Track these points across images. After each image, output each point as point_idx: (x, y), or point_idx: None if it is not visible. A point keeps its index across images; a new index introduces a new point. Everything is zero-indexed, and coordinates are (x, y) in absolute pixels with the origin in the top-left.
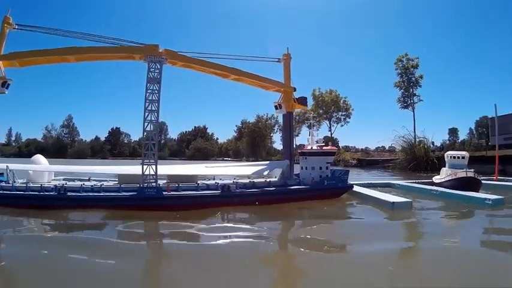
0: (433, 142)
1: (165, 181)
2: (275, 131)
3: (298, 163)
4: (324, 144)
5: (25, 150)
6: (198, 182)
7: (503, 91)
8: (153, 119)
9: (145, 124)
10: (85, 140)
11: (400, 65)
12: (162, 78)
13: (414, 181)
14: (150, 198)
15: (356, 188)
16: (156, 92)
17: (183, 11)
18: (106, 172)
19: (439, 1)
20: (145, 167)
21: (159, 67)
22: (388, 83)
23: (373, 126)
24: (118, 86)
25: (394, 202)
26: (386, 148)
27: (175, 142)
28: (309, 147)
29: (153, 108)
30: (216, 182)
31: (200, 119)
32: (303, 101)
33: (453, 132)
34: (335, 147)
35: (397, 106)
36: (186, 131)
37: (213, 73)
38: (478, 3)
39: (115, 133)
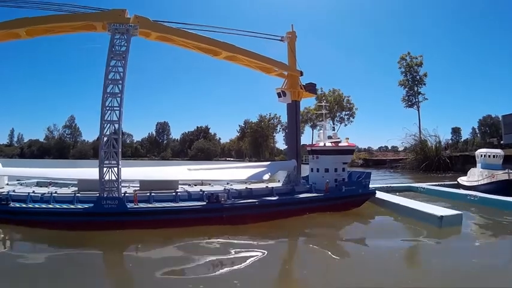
0: (439, 141)
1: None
2: (278, 130)
3: (307, 163)
4: (339, 140)
5: (27, 151)
6: (178, 189)
7: (505, 91)
8: (115, 105)
9: (106, 112)
10: (87, 141)
11: (404, 64)
12: (129, 53)
13: (438, 183)
14: (109, 213)
15: (379, 195)
16: (121, 70)
17: (182, 9)
18: (67, 177)
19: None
20: (104, 169)
21: (126, 38)
22: (389, 82)
23: (375, 126)
24: None
25: (442, 216)
26: (389, 148)
27: (178, 142)
28: (321, 144)
29: (116, 91)
30: (200, 190)
31: (202, 119)
32: (311, 87)
33: (456, 131)
34: (353, 144)
35: (399, 106)
36: (188, 131)
37: (199, 49)
38: (481, 1)
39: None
